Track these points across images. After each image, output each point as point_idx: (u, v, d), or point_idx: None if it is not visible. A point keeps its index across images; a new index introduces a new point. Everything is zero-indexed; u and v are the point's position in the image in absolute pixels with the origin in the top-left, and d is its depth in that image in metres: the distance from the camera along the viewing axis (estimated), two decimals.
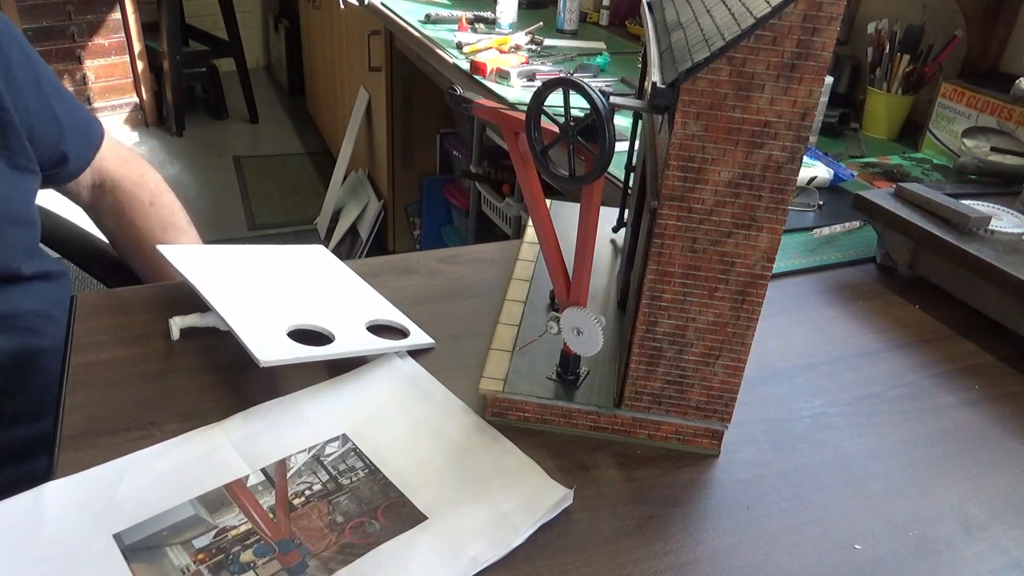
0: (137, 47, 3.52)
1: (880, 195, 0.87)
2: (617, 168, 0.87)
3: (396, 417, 0.59)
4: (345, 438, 0.57)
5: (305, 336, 0.61)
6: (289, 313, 0.64)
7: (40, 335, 0.80)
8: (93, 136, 0.90)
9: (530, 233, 0.81)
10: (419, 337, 0.67)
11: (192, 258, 0.68)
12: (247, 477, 0.53)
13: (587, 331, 0.55)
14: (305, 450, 0.55)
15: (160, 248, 0.67)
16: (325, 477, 0.53)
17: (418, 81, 2.38)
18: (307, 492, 0.52)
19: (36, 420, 0.79)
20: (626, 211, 0.79)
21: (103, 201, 0.94)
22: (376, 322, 0.68)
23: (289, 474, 0.53)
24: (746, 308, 0.52)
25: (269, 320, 0.62)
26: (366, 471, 0.54)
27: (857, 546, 0.52)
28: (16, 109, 0.76)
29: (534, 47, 1.78)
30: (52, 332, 0.81)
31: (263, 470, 0.53)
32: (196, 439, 0.55)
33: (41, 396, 0.79)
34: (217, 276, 0.66)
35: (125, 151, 0.96)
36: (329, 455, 0.55)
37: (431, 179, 2.52)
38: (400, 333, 0.68)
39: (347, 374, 0.63)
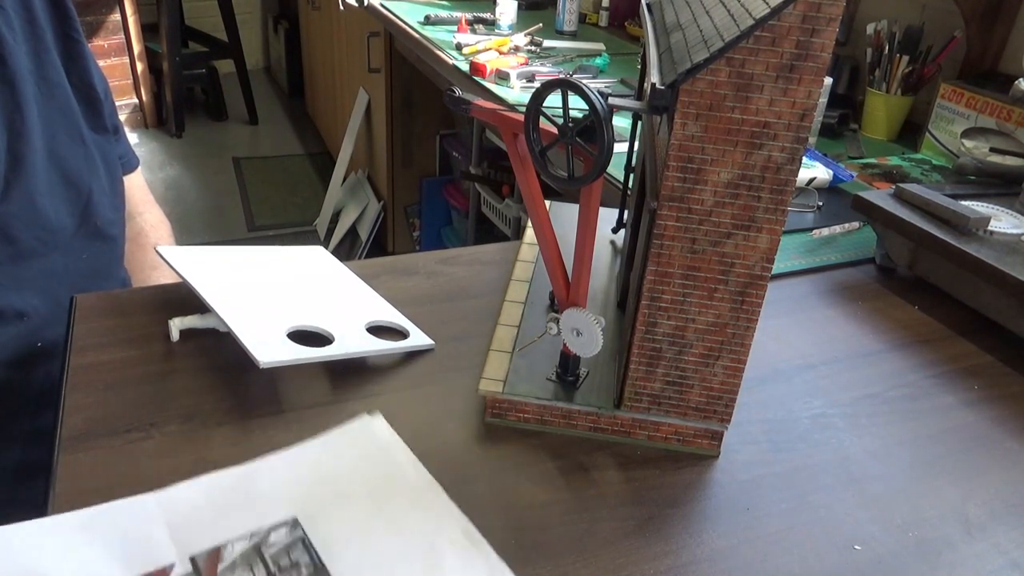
0: (136, 48, 3.52)
1: (879, 196, 0.87)
2: (616, 169, 0.87)
3: (359, 500, 0.50)
4: (295, 523, 0.48)
5: (305, 337, 0.61)
6: (289, 314, 0.64)
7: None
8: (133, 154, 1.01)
9: (529, 234, 0.81)
10: (419, 338, 0.67)
11: (191, 259, 0.68)
12: (171, 567, 0.45)
13: (586, 332, 0.55)
14: (246, 537, 0.47)
15: (159, 249, 0.67)
16: (262, 573, 0.45)
17: (417, 82, 2.38)
18: None
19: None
20: (625, 212, 0.79)
21: None
22: (376, 323, 0.68)
23: (221, 567, 0.45)
24: (746, 309, 0.52)
25: (269, 321, 0.62)
26: (311, 569, 0.46)
27: (857, 547, 0.52)
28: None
29: (533, 48, 1.78)
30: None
31: (192, 559, 0.46)
32: (127, 509, 0.48)
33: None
34: (217, 277, 0.66)
35: (148, 190, 1.06)
36: (273, 545, 0.47)
37: (431, 180, 2.53)
38: (400, 334, 0.68)
39: (315, 439, 0.55)
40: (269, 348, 0.57)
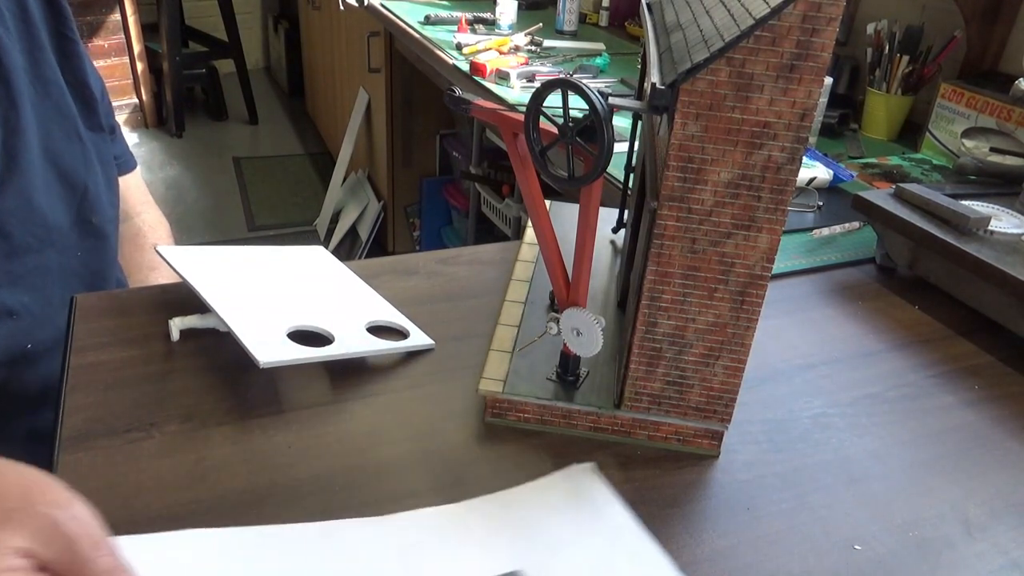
0: (137, 48, 3.52)
1: (880, 196, 0.87)
2: (616, 169, 0.87)
3: (580, 564, 0.47)
4: None
5: (305, 337, 0.61)
6: (289, 314, 0.64)
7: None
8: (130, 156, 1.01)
9: (529, 234, 0.81)
10: (419, 338, 0.67)
11: (191, 259, 0.68)
12: None
13: (587, 332, 0.55)
14: None
15: (159, 248, 0.67)
16: None
17: (418, 82, 2.38)
18: None
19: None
20: (626, 212, 0.79)
21: None
22: (376, 323, 0.68)
23: None
24: (746, 309, 0.52)
25: (269, 321, 0.62)
26: None
27: (857, 547, 0.52)
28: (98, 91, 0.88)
29: (534, 48, 1.78)
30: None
31: None
32: (361, 531, 0.46)
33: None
34: (216, 277, 0.66)
35: (146, 191, 1.06)
36: None
37: (431, 180, 2.53)
38: (400, 334, 0.68)
39: (525, 486, 0.52)
40: (269, 348, 0.57)
